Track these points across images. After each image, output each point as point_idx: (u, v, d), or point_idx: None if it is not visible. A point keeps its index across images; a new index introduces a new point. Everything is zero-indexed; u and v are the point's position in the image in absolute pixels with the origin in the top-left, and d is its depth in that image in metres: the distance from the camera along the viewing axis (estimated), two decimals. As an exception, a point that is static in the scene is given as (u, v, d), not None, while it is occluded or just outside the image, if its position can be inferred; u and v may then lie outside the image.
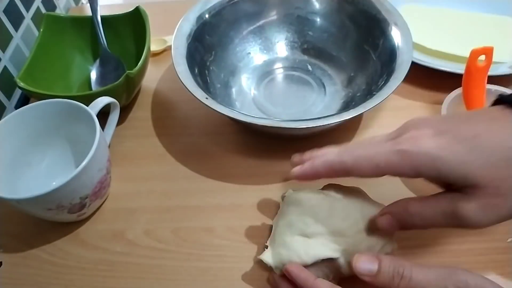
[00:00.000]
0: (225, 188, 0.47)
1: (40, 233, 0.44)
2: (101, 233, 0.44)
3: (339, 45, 0.57)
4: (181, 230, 0.44)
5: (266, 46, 0.59)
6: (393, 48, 0.49)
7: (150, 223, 0.45)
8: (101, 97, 0.46)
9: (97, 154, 0.40)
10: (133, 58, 0.56)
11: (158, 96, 0.58)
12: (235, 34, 0.58)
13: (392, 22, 0.51)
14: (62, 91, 0.55)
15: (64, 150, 0.48)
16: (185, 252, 0.42)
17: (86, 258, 0.42)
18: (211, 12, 0.55)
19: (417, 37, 0.52)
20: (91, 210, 0.44)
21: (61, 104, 0.45)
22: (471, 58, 0.46)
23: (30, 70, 0.51)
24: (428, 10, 0.62)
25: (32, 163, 0.46)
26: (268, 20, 0.59)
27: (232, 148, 0.51)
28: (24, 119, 0.44)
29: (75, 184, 0.39)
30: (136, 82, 0.52)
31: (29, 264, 0.42)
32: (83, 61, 0.59)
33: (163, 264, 0.41)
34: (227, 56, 0.57)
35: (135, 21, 0.56)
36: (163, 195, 0.47)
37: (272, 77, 0.58)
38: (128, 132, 0.53)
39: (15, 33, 0.58)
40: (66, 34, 0.58)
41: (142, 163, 0.50)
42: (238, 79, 0.57)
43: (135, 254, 0.42)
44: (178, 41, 0.51)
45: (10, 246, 0.44)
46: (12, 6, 0.58)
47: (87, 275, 0.41)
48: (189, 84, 0.46)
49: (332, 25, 0.57)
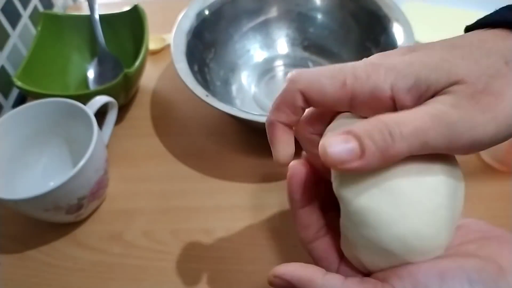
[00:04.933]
0: (225, 189, 0.46)
1: (37, 234, 0.44)
2: (99, 234, 0.44)
3: (340, 42, 0.56)
4: (180, 231, 0.43)
5: (267, 43, 0.58)
6: (395, 45, 0.48)
7: (148, 224, 0.44)
8: (99, 96, 0.45)
9: (95, 154, 0.40)
10: (131, 57, 0.55)
11: (156, 95, 0.57)
12: (235, 31, 0.57)
13: (393, 18, 0.50)
14: (60, 90, 0.55)
15: (62, 150, 0.48)
16: (184, 253, 0.42)
17: (84, 260, 0.42)
18: (211, 9, 0.54)
19: (419, 35, 0.52)
20: (89, 211, 0.44)
21: (58, 104, 0.44)
22: None
23: (27, 69, 0.51)
24: (430, 8, 0.62)
25: (29, 163, 0.46)
26: (268, 17, 0.58)
27: (232, 148, 0.50)
28: (21, 119, 0.44)
29: (72, 184, 0.38)
30: (134, 81, 0.51)
31: (26, 265, 0.42)
32: (80, 60, 0.59)
33: (161, 266, 0.41)
34: (227, 53, 0.56)
35: (133, 20, 0.56)
36: (162, 195, 0.46)
37: (273, 75, 0.57)
38: (126, 131, 0.53)
39: (13, 31, 0.58)
40: (64, 33, 0.58)
41: (141, 163, 0.50)
42: (238, 76, 0.56)
43: (133, 255, 0.42)
44: (177, 38, 0.50)
45: (7, 247, 0.43)
46: (10, 5, 0.57)
47: (84, 276, 0.41)
48: (189, 82, 0.46)
49: (333, 22, 0.56)
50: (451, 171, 0.22)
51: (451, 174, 0.22)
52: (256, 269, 0.40)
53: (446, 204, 0.22)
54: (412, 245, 0.21)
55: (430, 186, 0.21)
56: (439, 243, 0.22)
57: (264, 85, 0.56)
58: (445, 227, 0.22)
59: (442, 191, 0.21)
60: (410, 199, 0.21)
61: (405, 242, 0.21)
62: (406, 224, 0.21)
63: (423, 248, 0.22)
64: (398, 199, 0.21)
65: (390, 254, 0.22)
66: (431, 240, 0.22)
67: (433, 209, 0.21)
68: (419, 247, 0.21)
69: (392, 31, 0.50)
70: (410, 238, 0.21)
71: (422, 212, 0.21)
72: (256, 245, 0.42)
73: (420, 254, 0.22)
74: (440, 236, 0.22)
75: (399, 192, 0.21)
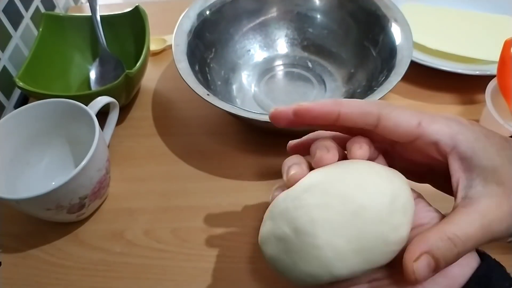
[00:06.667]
0: (225, 188, 0.47)
1: (39, 233, 0.44)
2: (100, 233, 0.44)
3: (339, 41, 0.56)
4: (180, 230, 0.43)
5: (266, 43, 0.59)
6: (393, 44, 0.49)
7: (149, 223, 0.44)
8: (100, 97, 0.45)
9: (96, 154, 0.40)
10: (133, 58, 0.55)
11: (157, 95, 0.58)
12: (235, 31, 0.57)
13: (391, 18, 0.51)
14: (61, 90, 0.55)
15: (63, 150, 0.48)
16: (185, 252, 0.42)
17: (85, 258, 0.42)
18: (212, 9, 0.55)
19: (418, 37, 0.52)
20: (90, 210, 0.44)
21: (60, 104, 0.44)
22: (504, 48, 0.46)
23: (29, 69, 0.51)
24: (428, 9, 0.62)
25: (31, 163, 0.46)
26: (268, 17, 0.58)
27: (233, 147, 0.50)
28: (23, 119, 0.44)
29: (74, 184, 0.39)
30: (135, 81, 0.52)
31: (28, 264, 0.42)
32: (82, 60, 0.59)
33: (162, 265, 0.41)
34: (227, 53, 0.57)
35: (135, 21, 0.56)
36: (163, 195, 0.47)
37: (273, 74, 0.57)
38: (128, 131, 0.53)
39: (14, 32, 0.58)
40: (66, 34, 0.58)
41: (142, 163, 0.50)
42: (238, 76, 0.57)
43: (135, 254, 0.42)
44: (178, 38, 0.51)
45: (9, 246, 0.44)
46: (11, 6, 0.58)
47: (86, 275, 0.41)
48: (190, 81, 0.46)
49: (332, 21, 0.57)
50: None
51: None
52: (257, 268, 0.40)
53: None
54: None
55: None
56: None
57: (264, 84, 0.56)
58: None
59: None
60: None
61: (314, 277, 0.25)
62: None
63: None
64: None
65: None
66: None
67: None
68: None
69: (390, 30, 0.50)
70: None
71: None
72: (257, 244, 0.42)
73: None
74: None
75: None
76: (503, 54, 0.46)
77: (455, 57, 0.55)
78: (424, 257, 0.24)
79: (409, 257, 0.24)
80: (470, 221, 0.25)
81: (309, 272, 0.25)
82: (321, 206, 0.25)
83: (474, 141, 0.26)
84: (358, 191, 0.25)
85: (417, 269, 0.23)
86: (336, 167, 0.27)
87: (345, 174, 0.26)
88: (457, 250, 0.24)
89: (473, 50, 0.55)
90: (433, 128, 0.26)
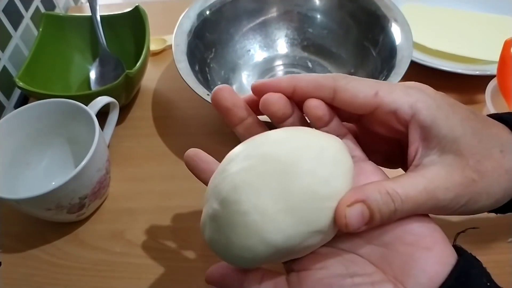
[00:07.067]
0: (225, 187, 0.46)
1: (39, 233, 0.44)
2: (100, 233, 0.44)
3: (339, 41, 0.56)
4: (181, 230, 0.44)
5: (266, 43, 0.59)
6: (393, 44, 0.49)
7: (149, 223, 0.44)
8: (100, 97, 0.45)
9: (96, 154, 0.40)
10: (133, 58, 0.55)
11: (157, 95, 0.58)
12: (235, 31, 0.57)
13: (391, 18, 0.51)
14: (61, 90, 0.55)
15: (63, 150, 0.48)
16: (185, 252, 0.42)
17: (85, 258, 0.42)
18: (212, 9, 0.55)
19: (418, 37, 0.52)
20: (91, 210, 0.44)
21: (60, 104, 0.44)
22: (504, 48, 0.46)
23: (29, 69, 0.51)
24: (429, 9, 0.62)
25: (31, 163, 0.46)
26: (268, 17, 0.58)
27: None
28: (23, 119, 0.44)
29: (74, 184, 0.39)
30: (135, 81, 0.52)
31: (28, 264, 0.42)
32: (82, 60, 0.59)
33: (162, 264, 0.41)
34: (227, 53, 0.57)
35: (135, 21, 0.56)
36: (163, 195, 0.47)
37: (273, 74, 0.57)
38: (128, 131, 0.53)
39: (14, 32, 0.58)
40: (66, 34, 0.58)
41: (142, 163, 0.50)
42: (238, 76, 0.57)
43: (135, 254, 0.42)
44: (178, 38, 0.51)
45: (9, 246, 0.44)
46: (11, 6, 0.58)
47: (86, 275, 0.41)
48: (190, 81, 0.46)
49: (332, 21, 0.57)
50: None
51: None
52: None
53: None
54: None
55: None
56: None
57: (264, 85, 0.56)
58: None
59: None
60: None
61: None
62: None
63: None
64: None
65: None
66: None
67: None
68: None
69: (390, 31, 0.50)
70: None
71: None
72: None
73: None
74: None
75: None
76: (503, 54, 0.46)
77: (455, 57, 0.55)
78: (359, 205, 0.23)
79: (343, 201, 0.23)
80: (414, 183, 0.24)
81: (242, 244, 0.23)
82: (243, 171, 0.23)
83: (436, 109, 0.25)
84: (280, 148, 0.23)
85: (349, 215, 0.22)
86: (263, 134, 0.26)
87: (268, 136, 0.25)
88: (395, 207, 0.23)
89: (473, 50, 0.55)
90: (391, 96, 0.25)
